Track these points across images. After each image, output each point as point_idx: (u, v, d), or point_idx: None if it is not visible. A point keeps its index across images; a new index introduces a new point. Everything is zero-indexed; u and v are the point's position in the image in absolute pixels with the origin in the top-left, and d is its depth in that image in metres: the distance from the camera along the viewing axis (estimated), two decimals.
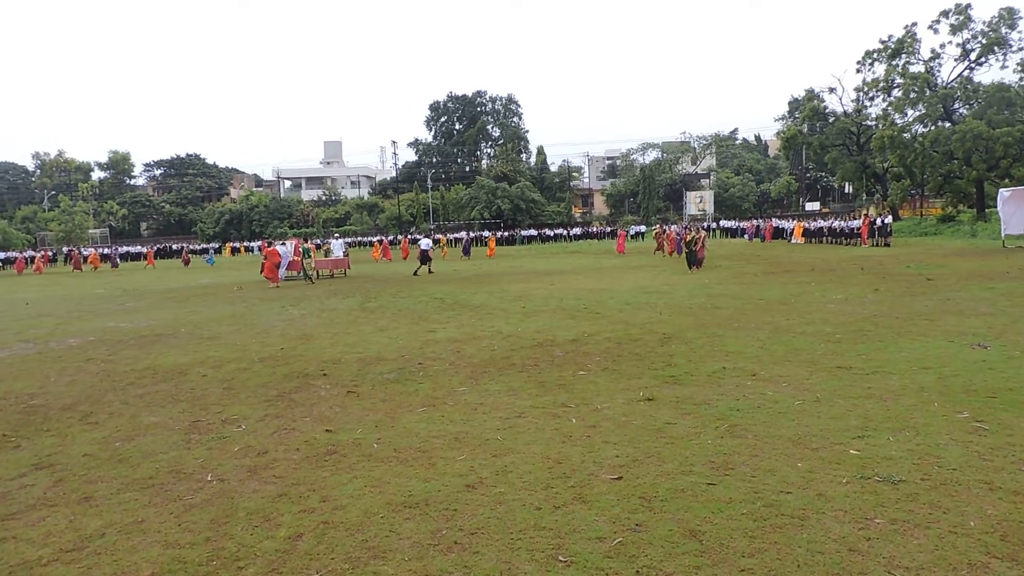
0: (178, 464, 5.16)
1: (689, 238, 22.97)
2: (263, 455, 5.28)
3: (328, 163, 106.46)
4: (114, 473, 5.02)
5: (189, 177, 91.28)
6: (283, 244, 25.13)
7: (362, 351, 9.69)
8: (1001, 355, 7.80)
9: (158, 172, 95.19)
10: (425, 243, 26.35)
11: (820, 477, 4.43)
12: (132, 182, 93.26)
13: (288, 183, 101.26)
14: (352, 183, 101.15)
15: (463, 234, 51.83)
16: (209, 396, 7.30)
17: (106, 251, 58.57)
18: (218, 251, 60.91)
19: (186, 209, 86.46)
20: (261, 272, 23.56)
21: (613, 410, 6.20)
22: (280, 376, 8.18)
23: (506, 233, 64.04)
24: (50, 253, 51.94)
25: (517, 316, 12.78)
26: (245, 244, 58.64)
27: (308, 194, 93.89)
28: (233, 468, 5.01)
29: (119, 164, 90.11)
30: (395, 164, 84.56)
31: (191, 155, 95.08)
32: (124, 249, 61.20)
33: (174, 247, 55.14)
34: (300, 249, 24.72)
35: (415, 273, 19.54)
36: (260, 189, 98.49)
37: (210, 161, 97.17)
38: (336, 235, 33.57)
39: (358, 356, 9.30)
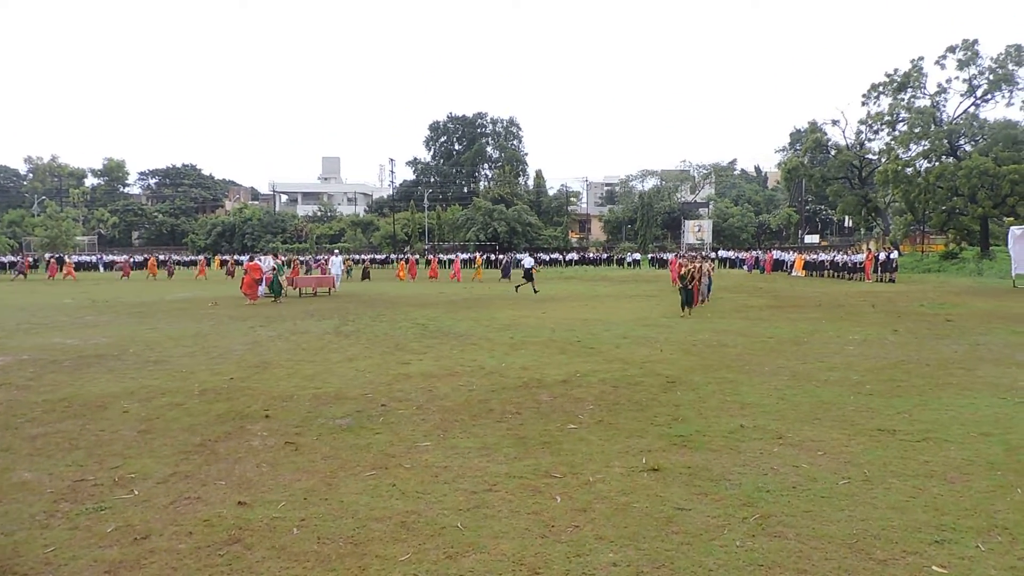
0: (15, 554, 3.81)
1: (684, 271, 17.57)
2: (140, 542, 3.94)
3: (326, 179, 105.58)
4: None
5: (184, 187, 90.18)
6: (266, 259, 23.82)
7: (320, 386, 8.43)
8: None
9: (153, 181, 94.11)
10: (528, 261, 26.36)
11: None
12: (126, 190, 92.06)
13: (284, 197, 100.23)
14: (349, 200, 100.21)
15: (503, 257, 50.13)
16: (116, 442, 5.97)
17: (82, 259, 57.16)
18: (208, 263, 59.45)
19: (179, 219, 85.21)
20: (241, 288, 22.22)
21: (609, 484, 4.91)
22: (214, 417, 6.86)
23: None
24: (31, 259, 50.42)
25: (503, 348, 11.65)
26: (236, 258, 57.27)
27: (304, 209, 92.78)
28: (88, 566, 3.66)
29: (113, 171, 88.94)
30: (392, 182, 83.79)
31: (187, 165, 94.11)
32: (109, 258, 59.77)
33: (160, 257, 53.62)
34: (272, 264, 23.39)
35: (516, 289, 18.71)
36: (256, 203, 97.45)
37: (206, 172, 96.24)
38: (335, 251, 32.33)
39: (314, 392, 8.03)
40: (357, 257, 62.91)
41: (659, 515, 4.33)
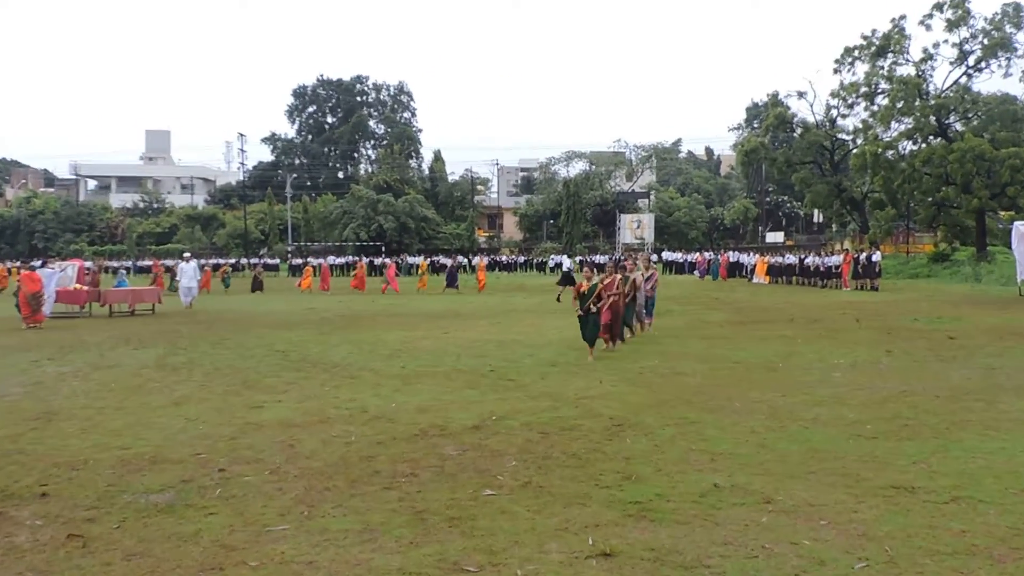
0: None
1: (589, 284, 13.75)
2: None
3: (151, 159, 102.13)
4: None
5: None
6: (56, 266, 22.33)
7: (130, 444, 7.75)
8: None
9: None
10: (568, 264, 26.01)
11: None
12: None
13: (93, 183, 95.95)
14: (183, 187, 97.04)
15: (447, 261, 49.32)
16: None
17: None
18: None
19: None
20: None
21: None
22: None
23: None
24: None
25: (392, 383, 11.33)
26: (20, 264, 54.15)
27: (120, 199, 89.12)
28: None
29: None
30: (243, 164, 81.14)
31: None
32: None
33: None
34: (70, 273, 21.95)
35: (558, 299, 17.98)
36: (51, 190, 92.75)
37: None
38: (186, 255, 30.74)
39: (120, 455, 7.34)
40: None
41: None
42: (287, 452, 7.43)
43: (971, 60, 42.11)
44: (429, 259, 55.11)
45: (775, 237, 75.62)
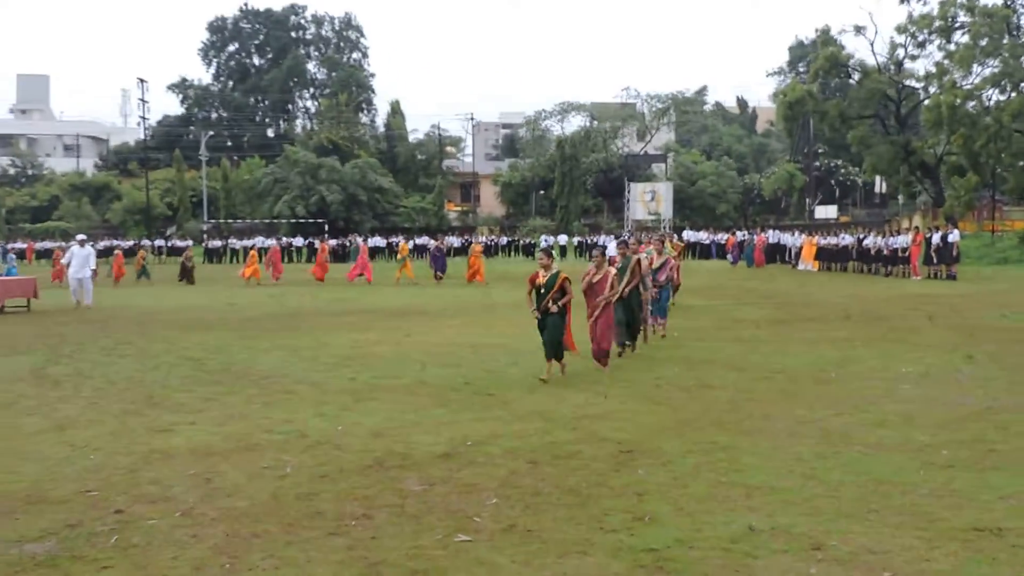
0: None
1: (542, 276, 13.01)
2: None
3: (24, 111, 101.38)
4: None
5: None
6: None
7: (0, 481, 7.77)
8: None
9: None
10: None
11: None
12: None
13: None
14: (67, 147, 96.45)
15: (429, 242, 49.01)
16: None
17: None
18: None
19: None
20: None
21: None
22: None
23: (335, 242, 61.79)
24: None
25: (339, 400, 11.45)
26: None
27: None
28: None
29: None
30: (144, 119, 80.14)
31: None
32: None
33: None
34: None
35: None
36: None
37: None
38: (81, 237, 30.46)
39: None
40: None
41: None
42: (203, 488, 7.44)
43: None
44: (411, 240, 55.23)
45: (826, 212, 75.90)
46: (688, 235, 61.51)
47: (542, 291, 12.79)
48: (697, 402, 10.91)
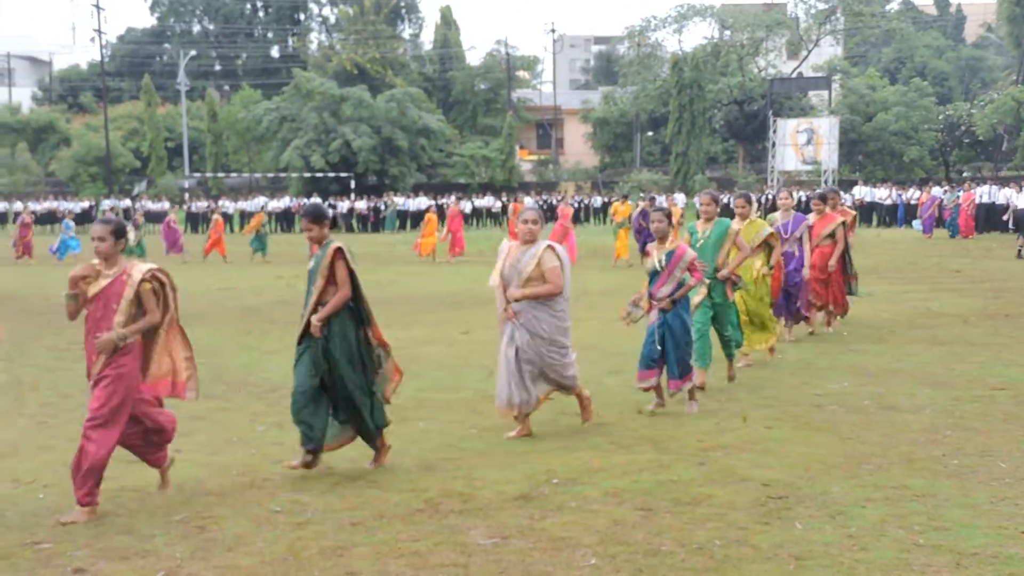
0: None
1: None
2: None
3: None
4: None
5: None
6: None
7: None
8: None
9: None
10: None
11: None
12: None
13: None
14: None
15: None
16: None
17: None
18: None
19: None
20: None
21: None
22: None
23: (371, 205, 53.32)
24: None
25: None
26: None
27: None
28: None
29: None
30: (100, 34, 66.43)
31: None
32: None
33: None
34: None
35: None
36: None
37: None
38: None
39: None
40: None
41: None
42: (194, 540, 6.75)
43: None
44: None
45: None
46: (859, 191, 50.12)
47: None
48: (877, 430, 9.31)
